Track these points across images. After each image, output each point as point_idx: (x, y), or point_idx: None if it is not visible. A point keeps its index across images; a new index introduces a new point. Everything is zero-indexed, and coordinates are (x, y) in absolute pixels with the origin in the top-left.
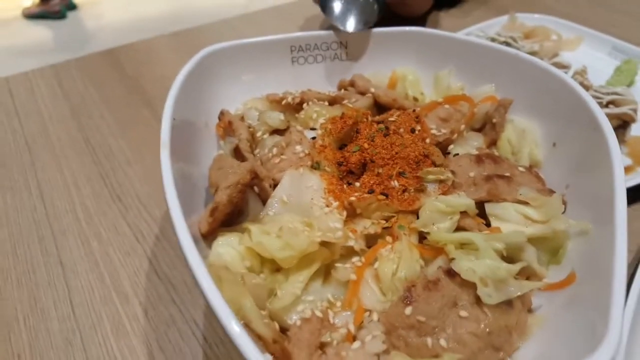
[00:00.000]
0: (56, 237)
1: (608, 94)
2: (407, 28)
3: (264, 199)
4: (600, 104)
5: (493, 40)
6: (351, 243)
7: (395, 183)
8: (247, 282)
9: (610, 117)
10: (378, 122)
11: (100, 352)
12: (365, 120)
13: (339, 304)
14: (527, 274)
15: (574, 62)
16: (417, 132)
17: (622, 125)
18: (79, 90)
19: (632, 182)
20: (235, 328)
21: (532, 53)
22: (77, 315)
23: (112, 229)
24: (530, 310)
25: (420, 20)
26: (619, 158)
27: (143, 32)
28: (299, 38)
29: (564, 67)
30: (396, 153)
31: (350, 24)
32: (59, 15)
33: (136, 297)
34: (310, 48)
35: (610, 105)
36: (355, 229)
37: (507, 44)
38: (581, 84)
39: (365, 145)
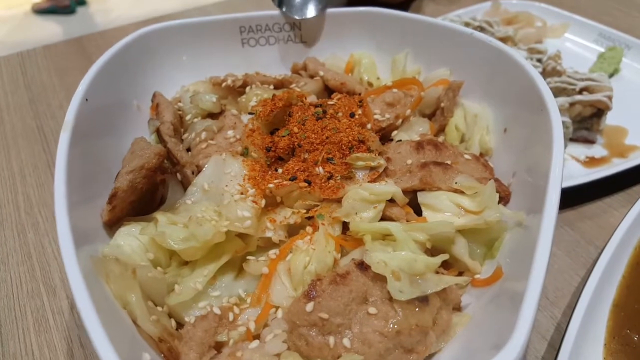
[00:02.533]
0: None
1: (582, 80)
2: (362, 8)
3: (186, 187)
4: (572, 90)
5: (467, 24)
6: (269, 234)
7: (320, 169)
8: (142, 276)
9: (583, 104)
10: (316, 106)
11: (18, 347)
12: (300, 102)
13: (250, 300)
14: (460, 269)
15: (557, 49)
16: (357, 116)
17: (596, 113)
18: (42, 78)
19: (602, 174)
20: (94, 329)
21: (506, 38)
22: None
23: (51, 219)
24: (458, 309)
25: (403, 7)
26: (560, 143)
27: None
28: (248, 18)
29: (539, 52)
30: (327, 138)
31: (310, 11)
32: (69, 10)
33: (64, 291)
34: (262, 29)
35: (584, 92)
36: (274, 219)
37: (482, 28)
38: (554, 69)
39: (295, 129)
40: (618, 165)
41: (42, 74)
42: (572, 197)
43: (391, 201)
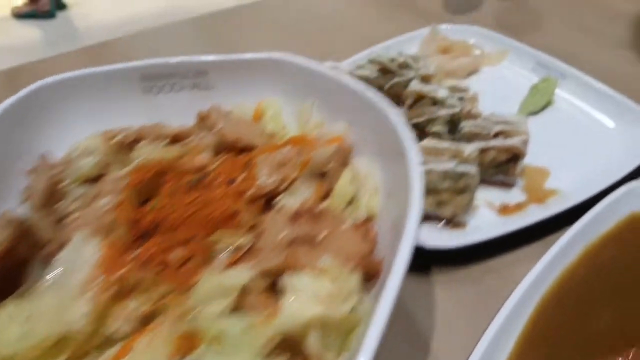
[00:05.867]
0: None
1: (497, 123)
2: (267, 55)
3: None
4: (487, 135)
5: (392, 60)
6: (115, 326)
7: (176, 252)
8: None
9: (497, 150)
10: (196, 171)
11: None
12: (180, 169)
13: None
14: None
15: (493, 79)
16: (237, 182)
17: (512, 158)
18: None
19: (510, 228)
20: None
21: (426, 77)
22: None
23: None
24: None
25: None
26: (418, 194)
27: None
28: (151, 66)
29: (461, 90)
30: (194, 212)
31: None
32: (49, 14)
33: None
34: (165, 76)
35: (500, 136)
36: (121, 311)
37: (406, 64)
38: (469, 112)
39: (164, 202)
40: (531, 216)
41: None
42: (481, 252)
43: (246, 288)
